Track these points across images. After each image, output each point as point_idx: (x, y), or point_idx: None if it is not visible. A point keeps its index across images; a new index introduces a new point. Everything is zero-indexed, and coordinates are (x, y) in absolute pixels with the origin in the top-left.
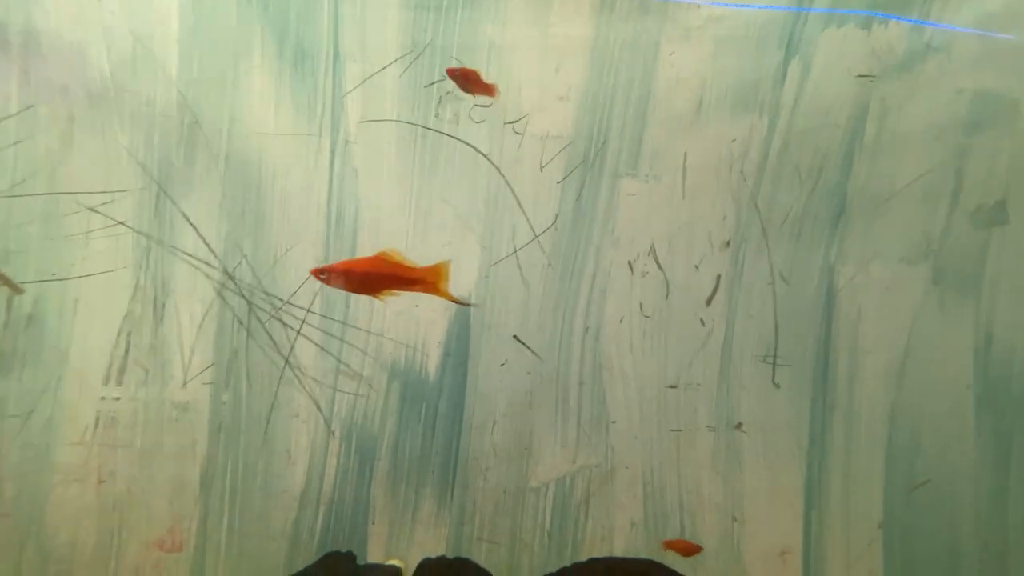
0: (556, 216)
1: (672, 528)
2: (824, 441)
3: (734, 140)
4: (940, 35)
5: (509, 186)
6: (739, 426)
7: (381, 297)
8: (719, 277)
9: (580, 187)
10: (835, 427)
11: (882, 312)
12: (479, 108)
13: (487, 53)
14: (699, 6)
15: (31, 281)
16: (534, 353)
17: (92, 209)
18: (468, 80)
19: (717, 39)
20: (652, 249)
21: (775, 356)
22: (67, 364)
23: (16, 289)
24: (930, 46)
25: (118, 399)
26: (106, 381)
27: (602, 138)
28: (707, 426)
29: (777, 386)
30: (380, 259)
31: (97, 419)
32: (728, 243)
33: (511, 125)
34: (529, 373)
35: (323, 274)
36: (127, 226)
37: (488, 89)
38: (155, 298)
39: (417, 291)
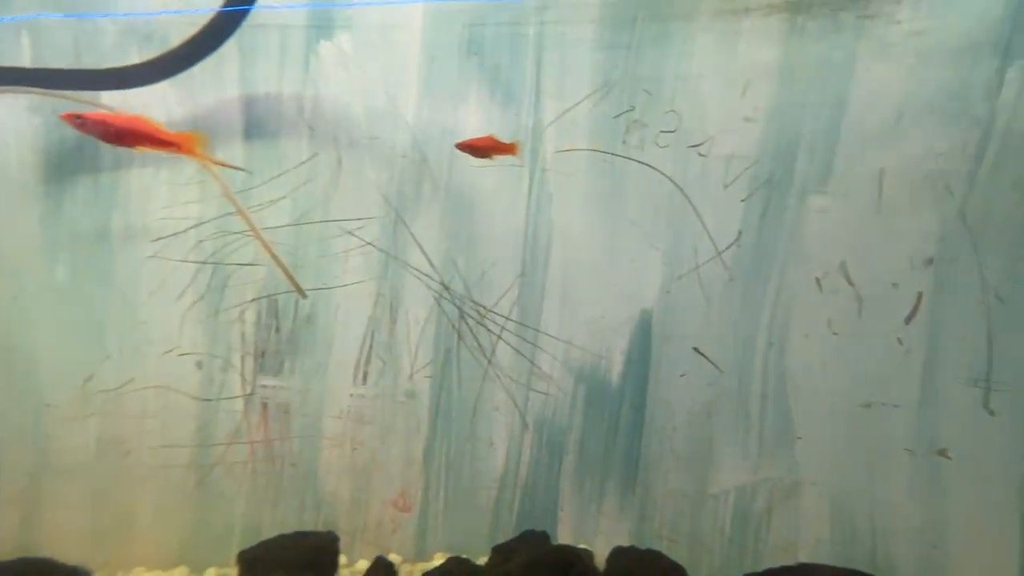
0: (739, 233)
1: (862, 548)
2: None
3: (940, 154)
4: None
5: (692, 205)
6: (943, 452)
7: (138, 150)
8: (920, 295)
9: (765, 205)
10: None
11: None
12: (664, 134)
13: (673, 83)
14: (899, 22)
15: (310, 289)
16: (714, 365)
17: (350, 233)
18: (481, 148)
19: (919, 53)
20: (843, 266)
21: (988, 380)
22: (331, 354)
23: (302, 294)
24: None
25: (364, 384)
26: (356, 369)
27: (790, 156)
28: (905, 449)
29: (991, 412)
30: (138, 118)
31: (350, 399)
32: (931, 260)
33: (695, 148)
34: (709, 384)
35: (78, 119)
36: (373, 246)
37: (509, 148)
38: (391, 304)
39: (172, 152)
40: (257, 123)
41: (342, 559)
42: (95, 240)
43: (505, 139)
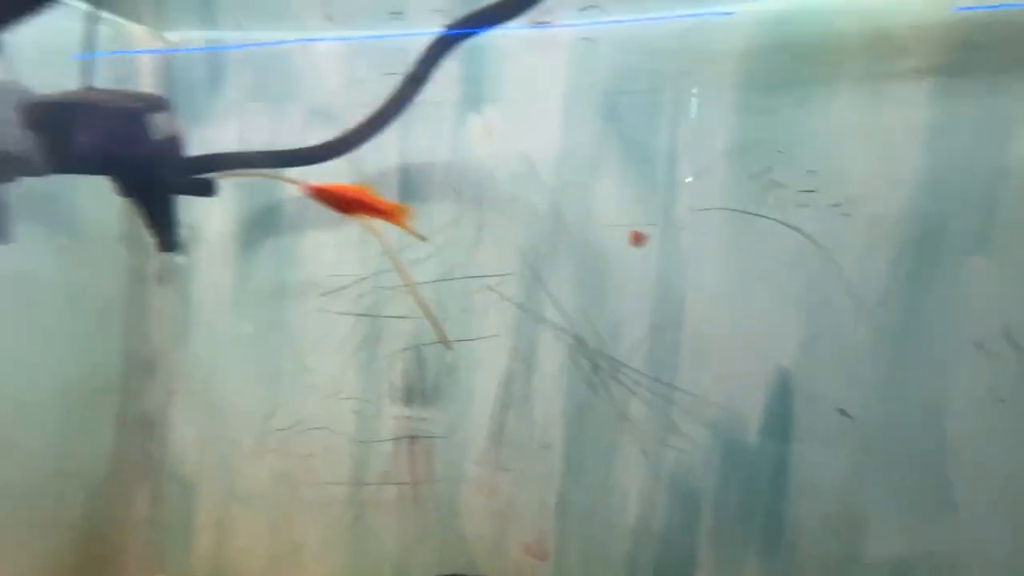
0: (887, 293)
1: None
2: None
3: None
4: None
5: (835, 263)
6: None
7: (357, 217)
8: None
9: (915, 266)
10: None
11: None
12: (803, 194)
13: (812, 143)
14: None
15: (457, 340)
16: (863, 428)
17: (490, 288)
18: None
19: None
20: (1007, 330)
21: None
22: (471, 403)
23: (449, 346)
24: None
25: (502, 432)
26: (494, 417)
27: (942, 217)
28: None
29: None
30: (362, 190)
31: (489, 446)
32: None
33: (837, 208)
34: (858, 447)
35: (314, 190)
36: (510, 301)
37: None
38: (527, 357)
39: (384, 219)
40: (411, 188)
41: None
42: (274, 295)
43: (640, 199)
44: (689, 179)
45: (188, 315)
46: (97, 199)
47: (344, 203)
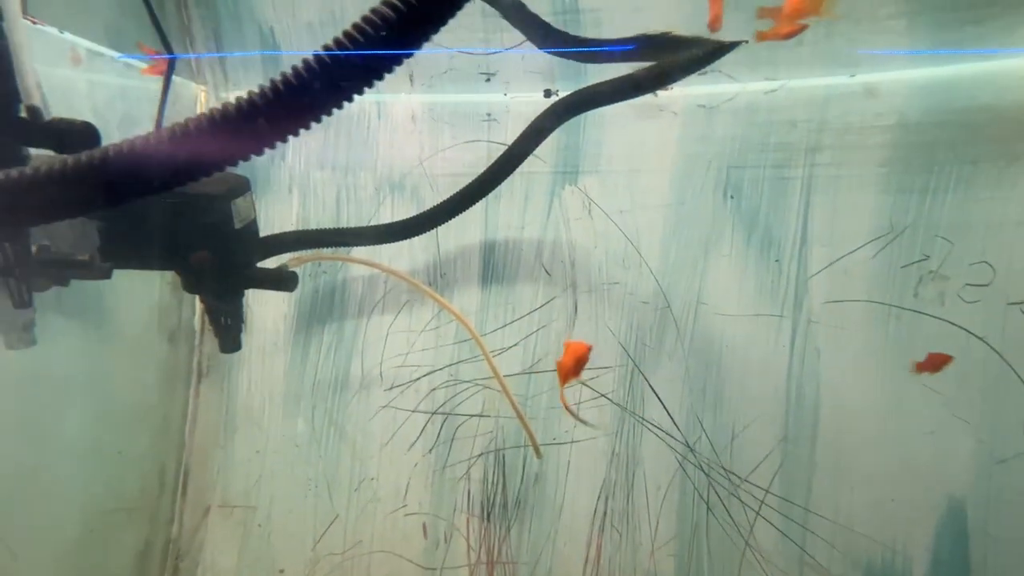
0: None
1: None
2: None
3: None
4: None
5: (1015, 372)
6: None
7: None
8: None
9: None
10: None
11: None
12: (971, 288)
13: (983, 230)
14: None
15: (540, 444)
16: None
17: (583, 383)
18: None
19: None
20: None
21: None
22: (560, 520)
23: (538, 454)
24: None
25: (599, 559)
26: (589, 540)
27: None
28: None
29: None
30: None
31: (583, 573)
32: None
33: (1016, 306)
34: None
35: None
36: (608, 399)
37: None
38: (627, 465)
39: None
40: (495, 268)
41: None
42: (334, 390)
43: (763, 289)
44: (823, 267)
45: (231, 415)
46: (132, 289)
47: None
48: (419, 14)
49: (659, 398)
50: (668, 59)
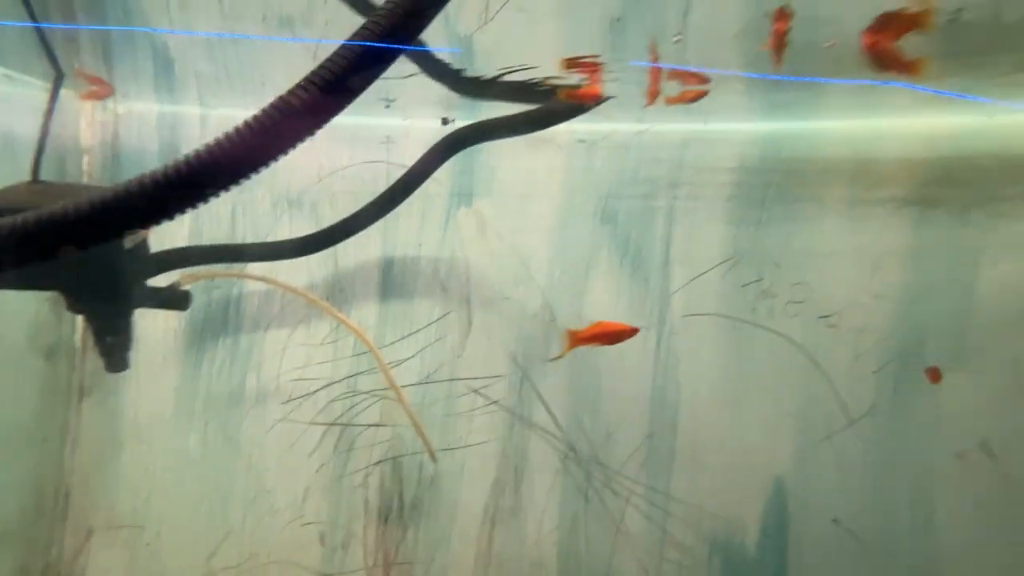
0: (873, 405)
1: None
2: None
3: None
4: None
5: (824, 374)
6: None
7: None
8: None
9: (897, 378)
10: None
11: None
12: (793, 304)
13: (802, 258)
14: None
15: (441, 449)
16: (855, 537)
17: (476, 391)
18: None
19: None
20: (984, 441)
21: None
22: (456, 520)
23: (434, 458)
24: None
25: (490, 551)
26: (480, 535)
27: (921, 334)
28: None
29: None
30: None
31: (474, 567)
32: None
33: (824, 319)
34: (852, 556)
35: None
36: (499, 405)
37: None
38: (516, 465)
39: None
40: (392, 284)
41: None
42: (228, 405)
43: (633, 304)
44: (682, 285)
45: (117, 433)
46: (5, 305)
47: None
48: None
49: (544, 403)
50: (552, 104)
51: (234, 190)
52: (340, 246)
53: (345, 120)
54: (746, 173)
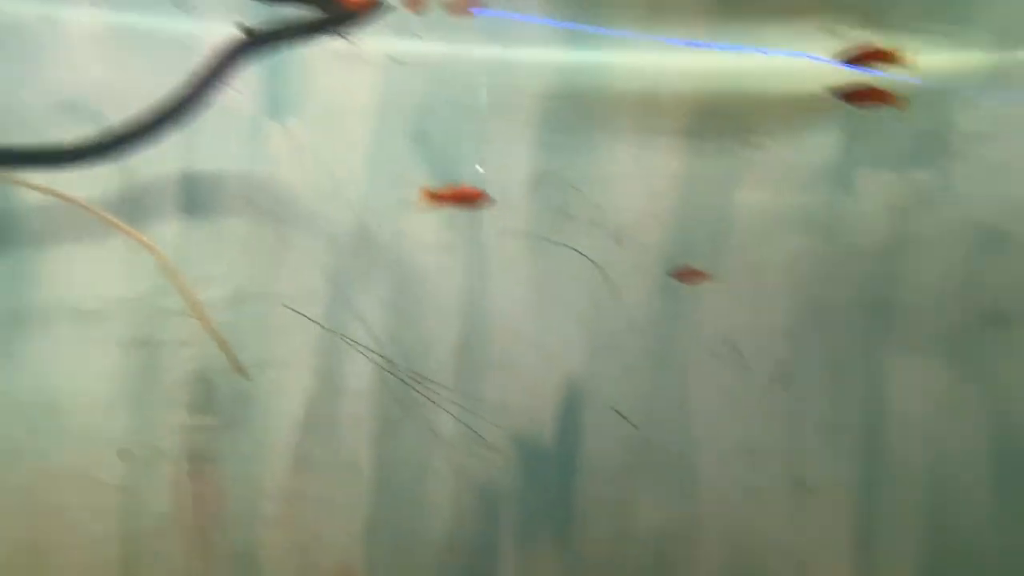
0: (650, 312)
1: (746, 565)
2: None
3: (792, 251)
4: None
5: (612, 285)
6: (803, 483)
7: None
8: (786, 361)
9: (671, 288)
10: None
11: None
12: (590, 224)
13: (599, 182)
14: (769, 150)
15: (251, 366)
16: (631, 424)
17: (290, 308)
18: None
19: (779, 179)
20: (731, 340)
21: (837, 424)
22: (270, 432)
23: (243, 374)
24: None
25: (307, 462)
26: (294, 444)
27: (689, 249)
28: (780, 485)
29: (835, 453)
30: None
31: (291, 478)
32: (790, 333)
33: (614, 237)
34: (629, 441)
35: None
36: (315, 321)
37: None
38: (332, 380)
39: None
40: (196, 200)
41: None
42: (12, 323)
43: (448, 222)
44: (481, 170)
45: None
46: None
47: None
48: None
49: (360, 318)
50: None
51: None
52: (139, 160)
53: (135, 22)
54: (552, 100)
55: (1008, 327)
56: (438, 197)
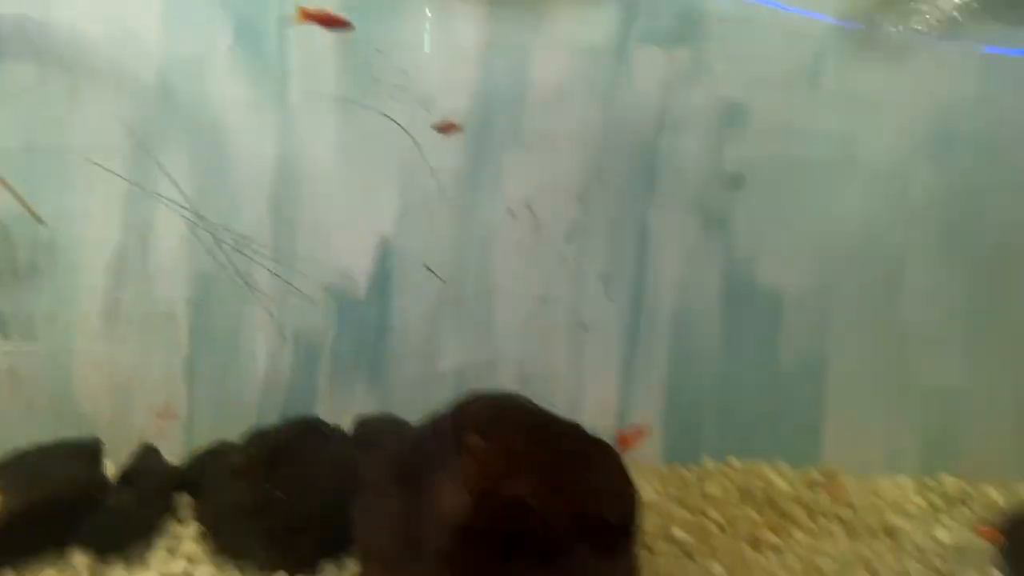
0: (456, 174)
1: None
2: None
3: (585, 126)
4: None
5: (419, 148)
6: (583, 326)
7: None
8: (574, 221)
9: (476, 153)
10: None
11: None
12: (397, 89)
13: (405, 49)
14: (560, 23)
15: (51, 216)
16: (439, 278)
17: (92, 161)
18: (323, 21)
19: (574, 47)
20: (527, 201)
21: (609, 278)
22: (79, 280)
23: (38, 219)
24: None
25: (118, 308)
26: (106, 293)
27: (491, 118)
28: (564, 327)
29: (610, 299)
30: None
31: (107, 319)
32: (583, 197)
33: (421, 103)
34: (436, 292)
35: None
36: (120, 176)
37: (342, 23)
38: (140, 232)
39: None
40: None
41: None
42: None
43: (256, 81)
44: (300, 66)
45: None
46: None
47: None
48: None
49: (166, 173)
50: None
51: None
52: None
53: None
54: None
55: (742, 187)
56: (311, 16)
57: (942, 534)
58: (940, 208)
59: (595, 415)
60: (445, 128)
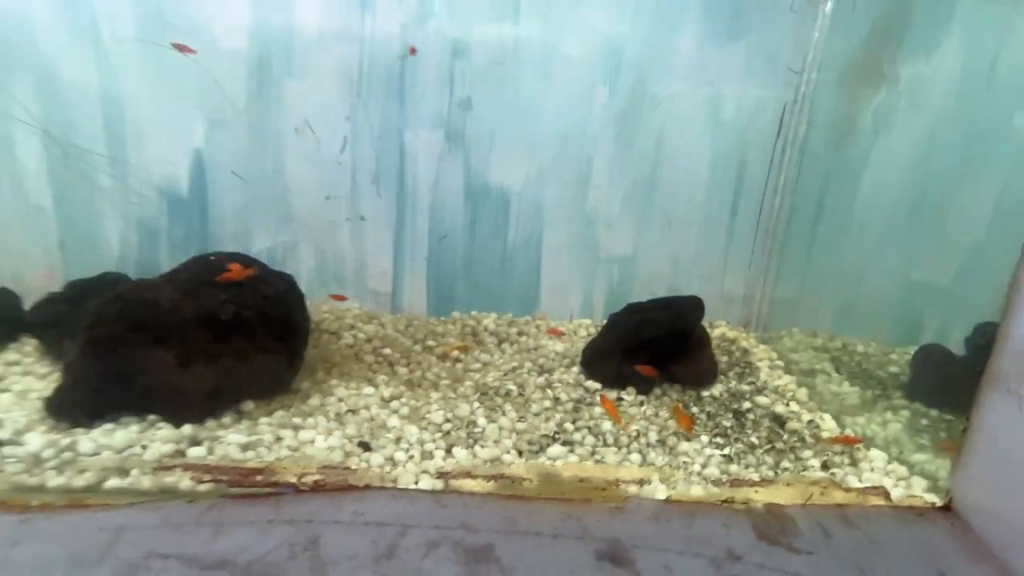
0: (248, 99)
1: (330, 287)
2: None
3: (331, 58)
4: None
5: (214, 80)
6: (361, 217)
7: None
8: (345, 138)
9: (260, 80)
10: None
11: None
12: (189, 33)
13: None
14: None
15: None
16: (241, 179)
17: None
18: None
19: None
20: (306, 121)
21: (378, 176)
22: None
23: None
24: None
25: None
26: None
27: (267, 52)
28: (347, 219)
29: (379, 195)
30: None
31: None
32: (347, 117)
33: (199, 41)
34: (243, 192)
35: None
36: None
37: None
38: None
39: None
40: None
41: None
42: None
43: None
44: None
45: None
46: None
47: None
48: None
49: (17, 100)
50: None
51: None
52: None
53: None
54: None
55: (471, 108)
56: None
57: (560, 348)
58: (616, 122)
59: (376, 282)
60: (181, 48)
